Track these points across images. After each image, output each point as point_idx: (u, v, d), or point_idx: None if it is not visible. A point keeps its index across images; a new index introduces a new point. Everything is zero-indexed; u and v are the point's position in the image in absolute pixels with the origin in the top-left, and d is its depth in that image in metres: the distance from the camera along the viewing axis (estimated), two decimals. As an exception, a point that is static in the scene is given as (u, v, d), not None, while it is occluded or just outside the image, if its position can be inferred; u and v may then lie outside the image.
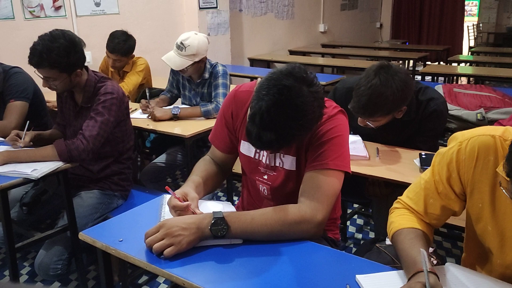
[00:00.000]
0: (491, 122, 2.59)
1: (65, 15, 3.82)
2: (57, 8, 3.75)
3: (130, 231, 1.38)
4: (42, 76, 2.04)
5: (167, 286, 2.46)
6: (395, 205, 1.31)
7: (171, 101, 3.18)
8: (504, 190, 0.92)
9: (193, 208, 1.37)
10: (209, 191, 1.62)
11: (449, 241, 2.92)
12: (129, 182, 2.41)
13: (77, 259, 2.15)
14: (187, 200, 1.39)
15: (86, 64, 2.18)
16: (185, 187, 1.47)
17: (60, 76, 2.04)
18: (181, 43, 2.75)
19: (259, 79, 1.34)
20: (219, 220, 1.26)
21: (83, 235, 1.36)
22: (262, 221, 1.30)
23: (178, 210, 1.36)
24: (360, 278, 1.13)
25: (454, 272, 1.14)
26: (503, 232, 1.11)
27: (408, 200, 1.26)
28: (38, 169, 1.91)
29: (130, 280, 2.44)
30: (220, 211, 1.29)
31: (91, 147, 2.03)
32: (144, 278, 2.51)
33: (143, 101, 2.98)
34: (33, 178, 1.88)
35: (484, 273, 1.21)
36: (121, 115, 2.21)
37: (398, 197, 1.31)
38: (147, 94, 3.04)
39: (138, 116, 2.92)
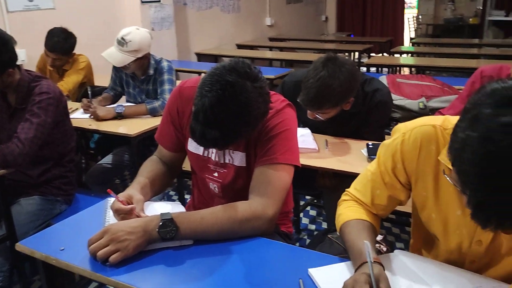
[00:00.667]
0: (433, 110, 2.68)
1: (-5, 11, 3.59)
2: (-14, 3, 3.51)
3: (73, 239, 1.31)
4: None
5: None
6: (343, 197, 1.32)
7: (114, 99, 3.06)
8: (448, 178, 0.93)
9: (137, 212, 1.32)
10: (158, 192, 1.56)
11: (398, 226, 3.01)
12: (73, 186, 2.29)
13: (19, 270, 2.03)
14: (132, 203, 1.33)
15: (20, 63, 2.04)
16: (129, 189, 1.41)
17: None
18: (122, 38, 2.65)
19: (203, 75, 1.30)
20: (167, 222, 1.21)
21: (20, 246, 1.27)
22: (213, 220, 1.27)
23: (121, 214, 1.31)
24: (312, 271, 1.13)
25: (402, 259, 1.16)
26: (447, 219, 1.14)
27: (355, 192, 1.28)
28: (-31, 177, 1.78)
29: (79, 288, 2.33)
30: (169, 212, 1.25)
31: (27, 151, 1.91)
32: (94, 284, 2.41)
33: (84, 100, 2.84)
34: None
35: (431, 258, 1.24)
36: (59, 115, 2.09)
37: (346, 189, 1.32)
38: (89, 92, 2.91)
39: (79, 116, 2.79)
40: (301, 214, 3.19)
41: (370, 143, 2.04)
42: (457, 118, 1.08)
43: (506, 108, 0.77)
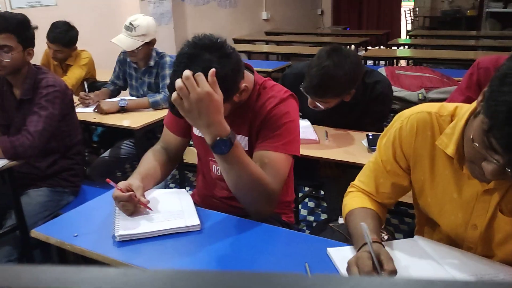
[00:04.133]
0: (432, 101, 2.72)
1: (-1, 7, 3.62)
2: (-11, 0, 3.54)
3: (85, 226, 1.36)
4: None
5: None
6: (349, 189, 1.36)
7: (113, 94, 3.11)
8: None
9: (138, 197, 1.36)
10: (159, 181, 1.61)
11: (397, 217, 3.06)
12: (79, 178, 2.34)
13: (28, 258, 2.08)
14: (132, 191, 1.38)
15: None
16: (130, 179, 1.46)
17: (17, 47, 2.00)
18: (130, 23, 2.73)
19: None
20: (231, 135, 1.25)
21: (35, 233, 1.32)
22: (252, 165, 1.32)
23: (121, 201, 1.35)
24: (331, 251, 1.18)
25: (421, 245, 1.20)
26: (443, 203, 1.18)
27: (360, 183, 1.32)
28: (-20, 168, 1.82)
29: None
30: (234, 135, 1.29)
31: (37, 143, 1.96)
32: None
33: (81, 93, 2.90)
34: (-24, 178, 1.79)
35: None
36: (66, 108, 2.14)
37: (351, 182, 1.37)
38: (85, 86, 2.97)
39: (84, 110, 2.83)
40: (300, 206, 3.23)
41: (370, 134, 2.07)
42: (453, 105, 1.13)
43: None
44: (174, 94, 1.20)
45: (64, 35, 3.25)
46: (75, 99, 3.04)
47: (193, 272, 0.24)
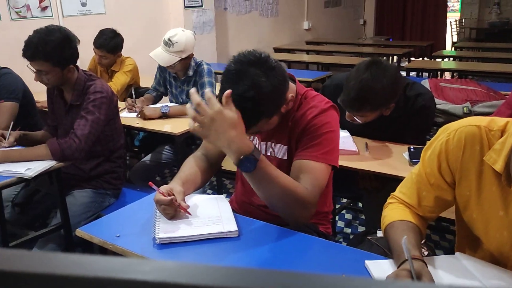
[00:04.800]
0: (478, 115, 2.65)
1: (52, 16, 3.80)
2: (44, 9, 3.72)
3: (127, 227, 1.40)
4: (34, 70, 2.05)
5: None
6: (389, 200, 1.34)
7: (155, 100, 3.19)
8: None
9: (179, 201, 1.39)
10: (198, 187, 1.64)
11: (437, 233, 2.97)
12: (121, 181, 2.42)
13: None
14: (173, 195, 1.41)
15: (73, 62, 2.18)
16: (171, 183, 1.49)
17: (53, 70, 2.05)
18: (169, 39, 2.77)
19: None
20: (255, 151, 1.25)
21: (80, 232, 1.37)
22: (282, 177, 1.31)
23: (162, 205, 1.38)
24: (369, 264, 1.17)
25: (463, 262, 1.17)
26: (488, 220, 1.15)
27: (401, 195, 1.30)
28: (32, 168, 1.91)
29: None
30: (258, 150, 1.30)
31: (83, 146, 2.04)
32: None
33: (128, 100, 3.00)
34: (27, 177, 1.88)
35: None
36: (111, 114, 2.21)
37: (392, 193, 1.34)
38: (133, 93, 3.06)
39: (127, 115, 2.92)
40: (337, 217, 3.19)
41: (412, 146, 2.03)
42: (504, 119, 1.09)
43: None
44: (191, 123, 1.22)
45: (109, 42, 3.38)
46: (120, 104, 3.15)
47: (243, 269, 0.25)
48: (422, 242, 1.49)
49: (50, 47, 1.99)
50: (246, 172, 1.26)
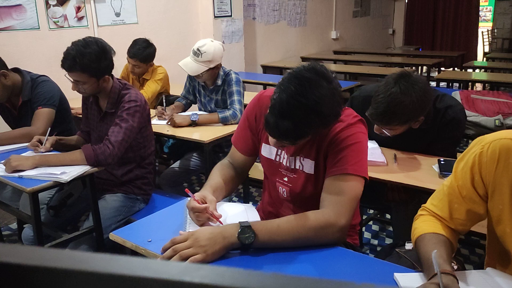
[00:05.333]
0: (510, 128, 2.59)
1: (87, 25, 3.93)
2: (80, 19, 3.86)
3: (158, 232, 1.43)
4: (72, 80, 2.13)
5: None
6: (420, 212, 1.33)
7: (185, 108, 3.26)
8: None
9: (211, 210, 1.42)
10: (227, 194, 1.66)
11: (467, 247, 2.92)
12: (151, 187, 2.47)
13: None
14: (206, 203, 1.44)
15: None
16: (203, 191, 1.52)
17: (89, 80, 2.13)
18: (198, 49, 2.82)
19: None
20: (246, 228, 1.28)
21: (113, 236, 1.41)
22: (288, 228, 1.32)
23: (196, 212, 1.41)
24: (398, 276, 1.16)
25: (495, 278, 1.16)
26: None
27: (432, 207, 1.29)
28: (67, 173, 1.98)
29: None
30: (246, 221, 1.32)
31: (116, 152, 2.10)
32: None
33: (159, 107, 3.07)
34: (63, 181, 1.95)
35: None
36: (143, 121, 2.27)
37: (423, 205, 1.34)
38: (164, 101, 3.12)
39: (158, 122, 2.99)
40: (364, 228, 3.17)
41: (442, 159, 2.00)
42: None
43: None
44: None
45: (142, 52, 3.47)
46: (151, 112, 3.23)
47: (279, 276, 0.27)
48: (453, 255, 1.48)
49: (87, 59, 2.07)
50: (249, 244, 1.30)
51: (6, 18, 3.36)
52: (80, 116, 2.54)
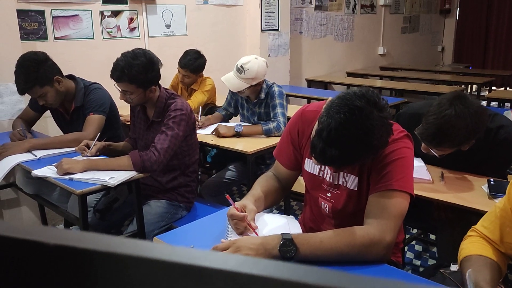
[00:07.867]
0: None
1: (139, 36, 4.09)
2: (132, 30, 4.01)
3: (199, 239, 1.46)
4: (120, 90, 2.21)
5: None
6: (469, 233, 1.29)
7: (224, 119, 3.31)
8: None
9: (249, 220, 1.43)
10: (269, 206, 1.67)
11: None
12: (194, 195, 2.52)
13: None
14: (245, 212, 1.45)
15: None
16: (244, 200, 1.53)
17: (136, 91, 2.20)
18: (241, 66, 2.86)
19: (329, 99, 1.39)
20: (287, 241, 1.28)
21: (157, 240, 1.45)
22: (332, 244, 1.31)
23: (234, 219, 1.42)
24: None
25: None
26: None
27: (483, 229, 1.25)
28: (115, 177, 2.05)
29: None
30: (289, 233, 1.32)
31: (161, 159, 2.16)
32: None
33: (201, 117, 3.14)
34: (110, 186, 2.01)
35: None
36: (188, 130, 2.33)
37: (473, 226, 1.30)
38: (199, 109, 3.20)
39: (203, 132, 3.05)
40: (406, 248, 3.09)
41: (492, 179, 1.94)
42: None
43: None
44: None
45: (193, 62, 3.57)
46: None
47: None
48: (501, 280, 1.41)
49: (135, 71, 2.15)
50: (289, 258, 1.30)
51: (63, 28, 3.54)
52: (129, 123, 2.63)
